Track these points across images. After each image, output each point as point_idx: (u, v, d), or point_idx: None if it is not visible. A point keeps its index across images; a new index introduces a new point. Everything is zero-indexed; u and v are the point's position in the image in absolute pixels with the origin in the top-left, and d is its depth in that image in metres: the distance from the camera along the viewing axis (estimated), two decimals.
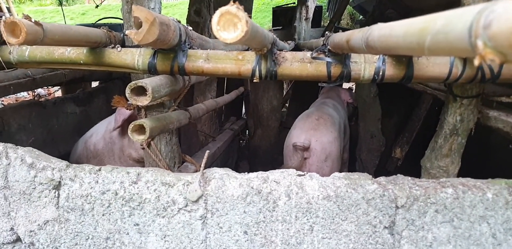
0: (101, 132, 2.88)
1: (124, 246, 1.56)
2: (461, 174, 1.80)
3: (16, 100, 6.11)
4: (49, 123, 3.18)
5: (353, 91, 4.16)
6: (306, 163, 2.84)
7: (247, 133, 4.74)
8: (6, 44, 1.79)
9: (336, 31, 1.75)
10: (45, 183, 1.54)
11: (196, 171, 1.93)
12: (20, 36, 1.30)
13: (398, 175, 1.60)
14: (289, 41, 3.25)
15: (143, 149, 2.08)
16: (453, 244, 1.46)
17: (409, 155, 3.84)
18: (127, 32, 1.41)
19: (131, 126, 1.65)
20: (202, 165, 1.57)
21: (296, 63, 1.70)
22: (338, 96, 3.79)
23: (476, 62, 0.51)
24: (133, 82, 1.58)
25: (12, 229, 1.57)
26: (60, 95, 3.86)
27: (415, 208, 1.46)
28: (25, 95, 6.88)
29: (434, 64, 1.61)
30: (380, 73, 1.63)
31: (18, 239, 1.59)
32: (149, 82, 1.60)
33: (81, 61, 1.77)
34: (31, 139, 2.94)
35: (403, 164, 3.86)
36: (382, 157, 3.77)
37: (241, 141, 4.88)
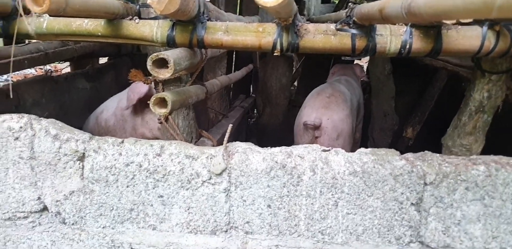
0: (112, 108, 2.86)
1: (148, 217, 1.56)
2: (484, 153, 1.77)
3: (25, 77, 6.10)
4: (61, 99, 3.16)
5: (364, 68, 4.08)
6: (317, 141, 2.81)
7: (255, 111, 4.70)
8: (22, 16, 1.76)
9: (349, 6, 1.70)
10: (70, 154, 1.53)
11: (213, 146, 1.91)
12: (44, 4, 1.27)
13: (426, 151, 1.57)
14: (301, 16, 3.18)
15: (161, 123, 2.06)
16: (483, 222, 1.44)
17: (420, 135, 3.80)
18: (148, 1, 1.37)
19: (153, 99, 1.63)
20: (226, 139, 1.55)
21: (319, 36, 1.65)
22: (353, 73, 3.71)
23: None
24: (154, 54, 1.54)
25: (39, 198, 1.57)
26: (68, 71, 3.83)
27: (445, 185, 1.44)
28: (32, 72, 6.85)
29: (464, 37, 1.56)
30: (407, 46, 1.58)
31: (45, 208, 1.59)
32: (170, 54, 1.57)
33: (99, 33, 1.73)
34: (45, 113, 2.93)
35: (414, 144, 3.82)
36: (394, 136, 3.72)
37: (249, 119, 4.84)
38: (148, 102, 2.57)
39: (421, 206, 1.47)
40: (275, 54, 1.73)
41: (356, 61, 5.05)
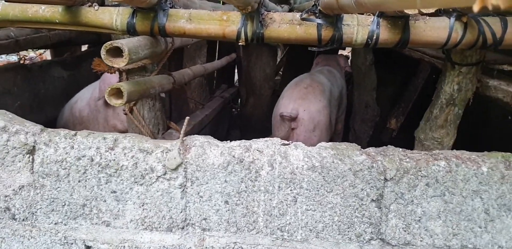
0: (86, 98, 2.80)
1: (101, 213, 1.50)
2: (457, 146, 1.72)
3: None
4: (36, 88, 3.07)
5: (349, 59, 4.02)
6: (293, 133, 2.76)
7: (239, 101, 4.62)
8: None
9: None
10: (19, 148, 1.46)
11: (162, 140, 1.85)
12: None
13: (389, 146, 1.52)
14: (282, 5, 3.09)
15: (125, 114, 2.00)
16: (443, 219, 1.39)
17: (404, 126, 3.76)
18: None
19: (108, 90, 1.56)
20: (182, 132, 1.49)
21: (284, 25, 1.60)
22: (337, 64, 3.65)
23: (476, 7, 0.41)
24: (108, 42, 1.48)
25: None
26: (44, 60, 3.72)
27: (405, 181, 1.39)
28: (7, 59, 6.64)
29: (432, 28, 1.51)
30: (374, 37, 1.53)
31: None
32: (125, 42, 1.50)
33: (57, 20, 1.65)
34: (17, 103, 2.85)
35: (398, 135, 3.79)
36: (376, 127, 3.69)
37: (233, 109, 4.77)
38: None
39: (381, 203, 1.43)
40: (240, 43, 1.67)
41: (340, 51, 4.98)
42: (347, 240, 1.46)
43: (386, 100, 3.71)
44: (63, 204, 1.50)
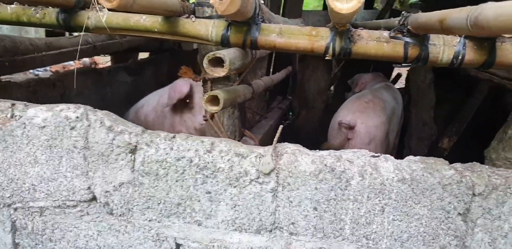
0: (152, 104, 2.92)
1: (194, 212, 1.59)
2: None
3: (64, 68, 6.23)
4: (103, 91, 3.23)
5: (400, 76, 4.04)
6: (349, 144, 2.82)
7: (290, 113, 4.69)
8: (84, 9, 1.82)
9: (393, 13, 1.70)
10: (123, 146, 1.57)
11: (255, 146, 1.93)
12: (115, 0, 1.31)
13: (474, 162, 1.57)
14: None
15: (206, 120, 2.10)
16: None
17: (455, 146, 3.76)
18: (211, 1, 1.41)
19: (205, 96, 1.66)
20: (275, 139, 1.57)
21: (372, 42, 1.67)
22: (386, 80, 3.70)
23: None
24: (211, 53, 1.58)
25: (89, 188, 1.62)
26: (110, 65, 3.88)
27: (493, 197, 1.44)
28: (71, 64, 6.98)
29: None
30: (460, 57, 1.58)
31: (94, 198, 1.63)
32: (226, 53, 1.60)
33: (156, 30, 1.77)
34: (88, 105, 2.99)
35: (448, 155, 3.78)
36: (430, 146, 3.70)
37: (283, 121, 4.84)
38: (188, 101, 2.60)
39: (468, 217, 1.47)
40: (326, 58, 1.75)
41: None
42: None
43: (441, 119, 3.73)
44: (159, 202, 1.60)
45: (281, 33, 1.73)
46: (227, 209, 1.57)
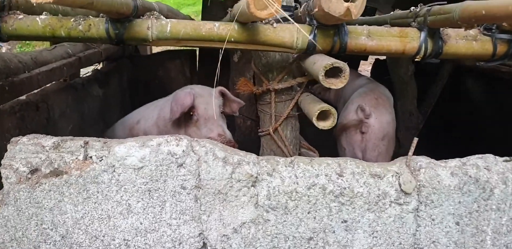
0: (152, 118, 2.56)
1: (328, 245, 1.39)
2: None
3: None
4: (82, 108, 2.76)
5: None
6: (363, 138, 2.76)
7: None
8: (139, 17, 1.49)
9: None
10: (244, 180, 1.31)
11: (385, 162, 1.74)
12: (275, 5, 1.06)
13: None
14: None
15: (268, 134, 1.85)
16: None
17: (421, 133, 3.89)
18: (345, 4, 1.24)
19: (316, 113, 1.45)
20: (410, 153, 1.43)
21: (461, 41, 1.61)
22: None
23: None
24: (328, 62, 1.38)
25: (200, 234, 1.33)
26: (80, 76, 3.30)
27: None
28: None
29: None
30: None
31: (204, 246, 1.35)
32: (343, 63, 1.42)
33: (232, 39, 1.51)
34: (70, 125, 2.52)
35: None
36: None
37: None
38: (191, 114, 2.28)
39: None
40: (416, 60, 1.65)
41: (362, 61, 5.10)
42: None
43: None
44: (286, 239, 1.37)
45: (370, 36, 1.59)
46: (364, 236, 1.40)
